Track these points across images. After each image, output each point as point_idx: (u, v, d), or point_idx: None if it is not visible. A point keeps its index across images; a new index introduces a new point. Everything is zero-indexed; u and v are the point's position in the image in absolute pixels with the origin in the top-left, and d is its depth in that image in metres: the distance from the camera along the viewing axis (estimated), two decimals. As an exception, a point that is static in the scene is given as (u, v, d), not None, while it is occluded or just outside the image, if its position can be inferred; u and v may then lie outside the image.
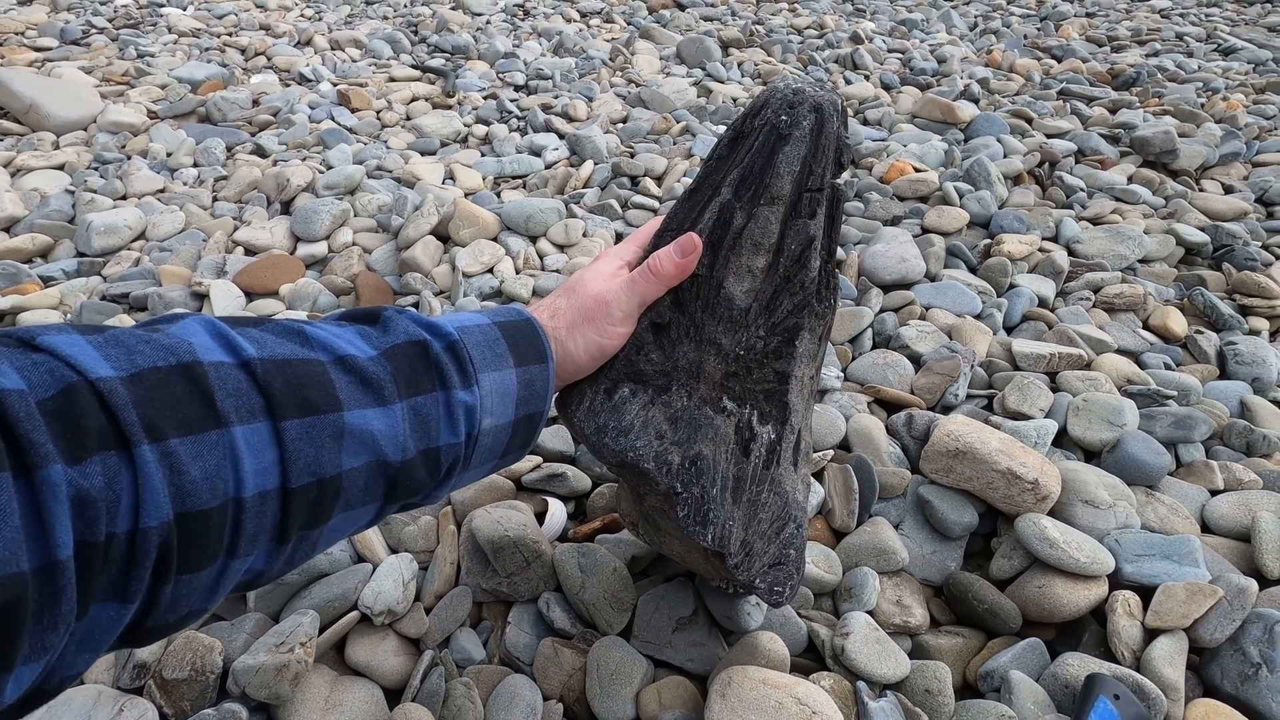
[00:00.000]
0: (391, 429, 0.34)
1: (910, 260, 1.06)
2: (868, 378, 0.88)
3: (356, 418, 0.33)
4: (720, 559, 0.47)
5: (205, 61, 1.99)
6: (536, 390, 0.42)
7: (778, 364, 0.48)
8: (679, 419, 0.46)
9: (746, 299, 0.47)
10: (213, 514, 0.28)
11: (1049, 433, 0.76)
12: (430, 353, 0.37)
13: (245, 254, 1.19)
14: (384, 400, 0.34)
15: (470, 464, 0.40)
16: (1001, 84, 1.89)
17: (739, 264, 0.46)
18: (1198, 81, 1.93)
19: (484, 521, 0.65)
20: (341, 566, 0.65)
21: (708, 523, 0.46)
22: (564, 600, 0.63)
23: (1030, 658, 0.58)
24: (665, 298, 0.47)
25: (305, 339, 0.34)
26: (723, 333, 0.47)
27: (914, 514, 0.71)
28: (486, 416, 0.39)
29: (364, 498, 0.35)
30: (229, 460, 0.29)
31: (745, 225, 0.46)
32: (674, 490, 0.46)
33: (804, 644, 0.60)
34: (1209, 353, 0.93)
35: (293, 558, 0.33)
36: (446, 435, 0.37)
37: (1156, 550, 0.62)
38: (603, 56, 2.12)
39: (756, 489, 0.48)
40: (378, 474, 0.34)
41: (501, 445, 0.41)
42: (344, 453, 0.33)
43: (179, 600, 0.29)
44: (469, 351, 0.39)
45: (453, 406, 0.37)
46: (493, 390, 0.39)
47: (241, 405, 0.30)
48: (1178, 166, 1.43)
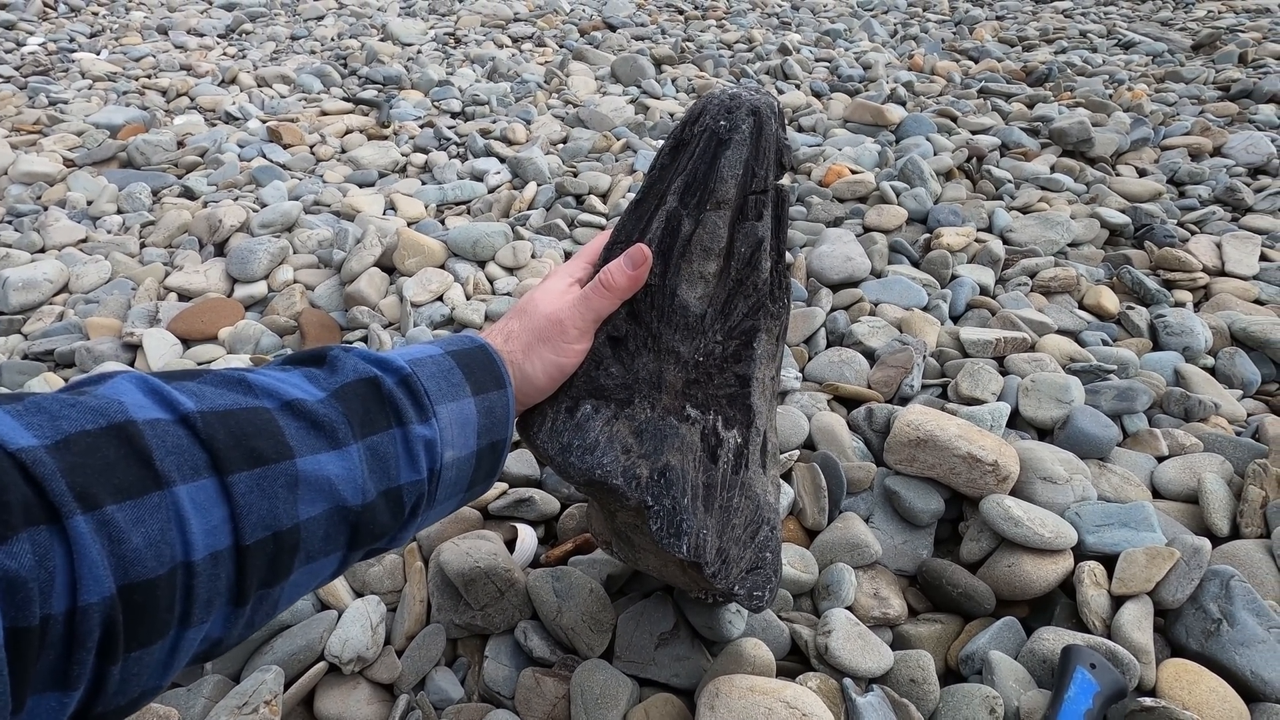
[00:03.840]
0: (349, 472, 0.33)
1: (855, 259, 1.09)
2: (825, 376, 0.89)
3: (310, 464, 0.31)
4: (697, 569, 0.46)
5: (124, 105, 1.92)
6: (497, 417, 0.41)
7: (738, 368, 0.47)
8: (644, 431, 0.46)
9: (701, 305, 0.46)
10: (160, 583, 0.26)
11: (1003, 415, 0.78)
12: (383, 389, 0.36)
13: (179, 300, 1.14)
14: (338, 443, 0.33)
15: (435, 500, 0.39)
16: (925, 86, 1.96)
17: (691, 271, 0.46)
18: (1104, 74, 2.04)
19: (452, 554, 0.63)
20: (304, 616, 0.62)
21: (681, 534, 0.45)
22: (541, 628, 0.61)
23: (1007, 637, 0.59)
24: (620, 310, 0.46)
25: (248, 387, 0.32)
26: (680, 341, 0.46)
27: (883, 506, 0.72)
28: (448, 449, 0.38)
29: (326, 547, 0.33)
30: (174, 523, 0.27)
31: (694, 232, 0.45)
32: (645, 504, 0.45)
33: (788, 646, 0.60)
34: (1142, 327, 0.97)
35: (253, 620, 0.32)
36: (408, 473, 0.36)
37: (1114, 519, 0.63)
38: (538, 80, 2.12)
39: (727, 495, 0.48)
40: (338, 521, 0.33)
41: (466, 478, 0.40)
42: (300, 502, 0.31)
43: (129, 680, 0.27)
44: (423, 384, 0.37)
45: (411, 442, 0.36)
46: (452, 421, 0.38)
47: (184, 463, 0.28)
48: (1094, 154, 1.51)
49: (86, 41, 2.47)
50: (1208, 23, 2.57)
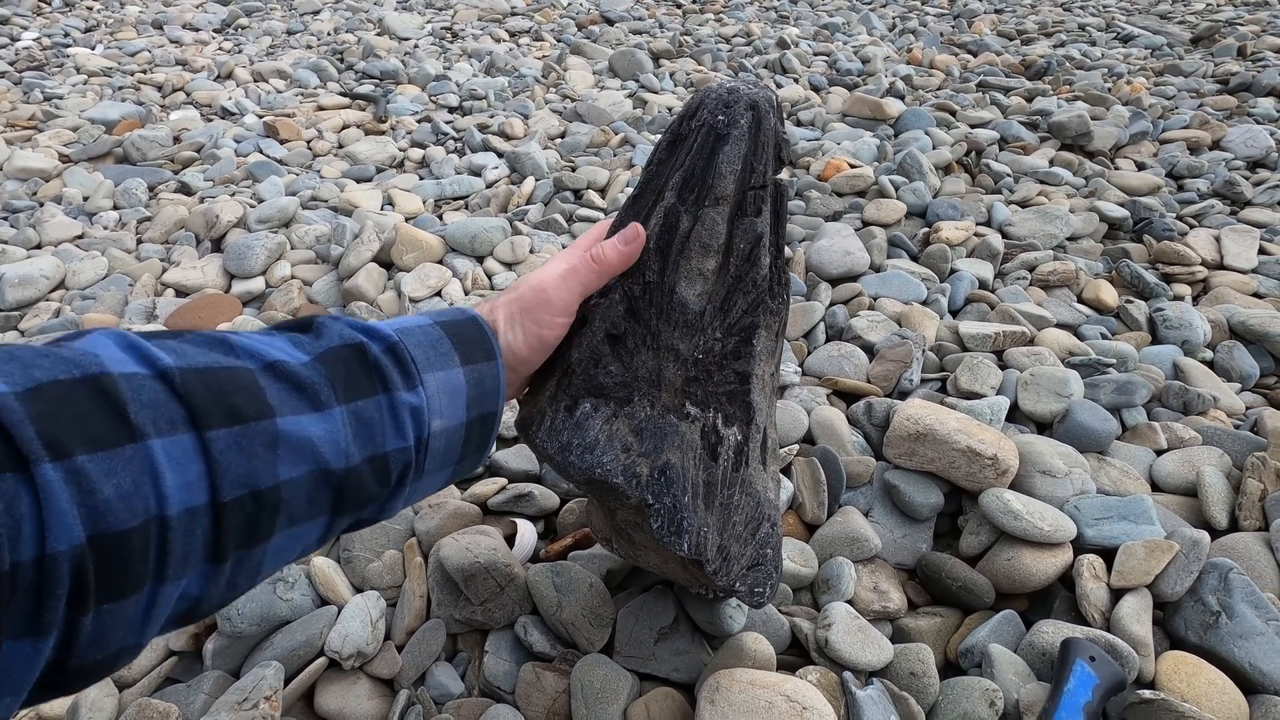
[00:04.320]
0: (331, 435, 0.32)
1: (854, 253, 1.08)
2: (825, 370, 0.89)
3: (291, 424, 0.31)
4: (698, 566, 0.46)
5: (119, 100, 1.90)
6: (487, 389, 0.40)
7: (737, 364, 0.47)
8: (644, 429, 0.45)
9: (700, 302, 0.46)
10: (133, 535, 0.26)
11: (1002, 409, 0.78)
12: (368, 355, 0.35)
13: (176, 295, 1.13)
14: (320, 405, 0.32)
15: (424, 471, 0.38)
16: (924, 80, 1.96)
17: (689, 267, 0.45)
18: (1103, 68, 2.04)
19: (452, 549, 0.63)
20: (304, 611, 0.62)
21: (682, 532, 0.45)
22: (541, 622, 0.61)
23: (1006, 630, 0.59)
24: (619, 308, 0.46)
25: (230, 347, 0.32)
26: (680, 338, 0.46)
27: (882, 500, 0.72)
28: (435, 418, 0.37)
29: (309, 511, 0.32)
30: (147, 475, 0.26)
31: (692, 228, 0.45)
32: (645, 502, 0.45)
33: (788, 640, 0.60)
34: (1140, 320, 0.97)
35: (234, 581, 0.31)
36: (394, 440, 0.35)
37: (1114, 512, 0.64)
38: (535, 74, 2.11)
39: (728, 492, 0.47)
40: (321, 484, 0.32)
41: (456, 449, 0.39)
42: (280, 462, 0.30)
43: (104, 634, 0.26)
44: (410, 352, 0.37)
45: (397, 409, 0.35)
46: (440, 390, 0.37)
47: (159, 417, 0.27)
48: (1093, 148, 1.51)
49: (81, 36, 2.46)
50: (1206, 16, 2.56)
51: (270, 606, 0.60)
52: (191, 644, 0.59)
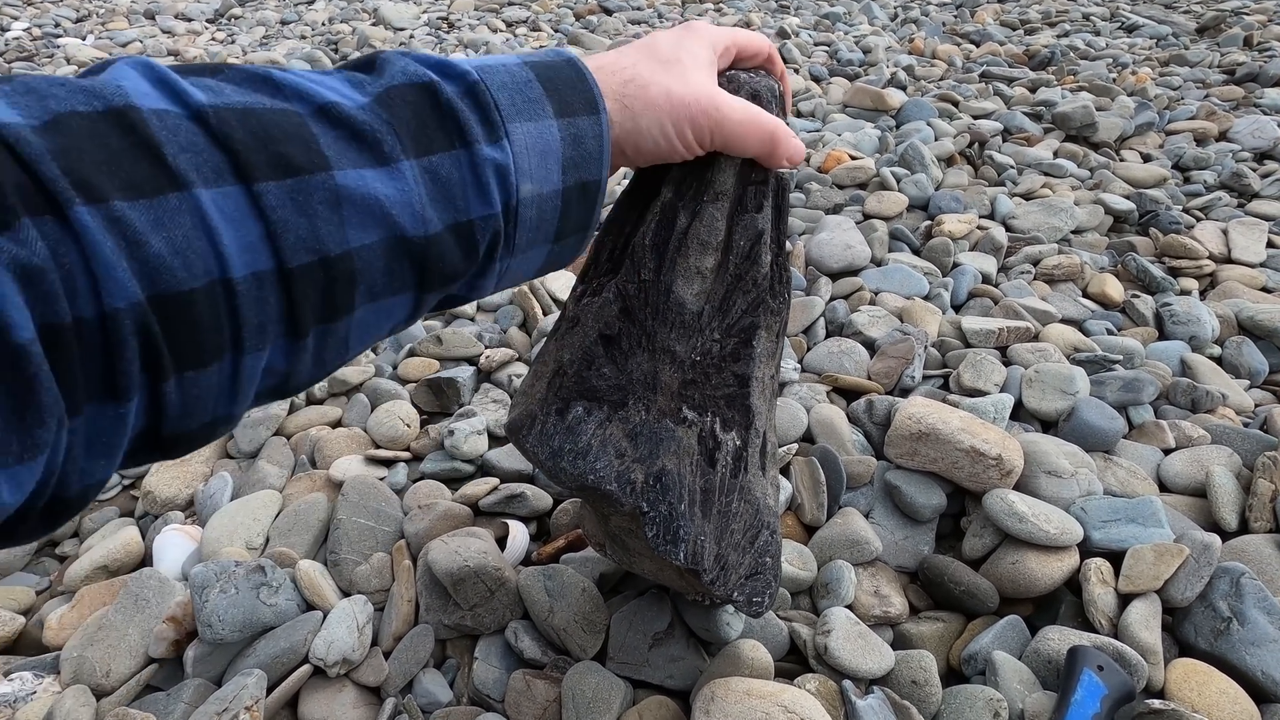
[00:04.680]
0: (402, 195, 0.27)
1: (855, 247, 1.06)
2: (824, 367, 0.88)
3: (353, 179, 0.26)
4: (695, 576, 0.45)
5: (110, 92, 1.88)
6: (588, 150, 0.33)
7: (736, 367, 0.45)
8: (638, 434, 0.43)
9: (698, 302, 0.44)
10: (197, 296, 0.23)
11: (1006, 407, 0.76)
12: (441, 98, 0.29)
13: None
14: (385, 159, 0.27)
15: (515, 246, 0.33)
16: (926, 70, 1.93)
17: (687, 266, 0.43)
18: (1108, 58, 2.01)
19: (441, 553, 0.61)
20: (289, 616, 0.60)
21: (679, 540, 0.43)
22: (532, 628, 0.60)
23: (1011, 636, 0.57)
24: (614, 307, 0.43)
25: (275, 87, 0.27)
26: (676, 339, 0.44)
27: (883, 501, 0.70)
28: (525, 181, 0.31)
29: (390, 285, 0.29)
30: (201, 231, 0.23)
31: (690, 225, 0.42)
32: (640, 510, 0.43)
33: (786, 646, 0.58)
34: (1147, 315, 0.96)
35: (322, 357, 0.28)
36: (478, 205, 0.30)
37: (1121, 514, 0.62)
38: (532, 64, 2.08)
39: (726, 499, 0.46)
40: (399, 253, 0.28)
41: (552, 223, 0.33)
42: (348, 225, 0.26)
43: (193, 403, 0.25)
44: (494, 95, 0.30)
45: (479, 167, 0.29)
46: (529, 147, 0.31)
47: (202, 164, 0.23)
48: (1098, 139, 1.49)
49: (72, 27, 2.43)
50: (1212, 5, 2.53)
51: (253, 612, 0.58)
52: (172, 651, 0.58)
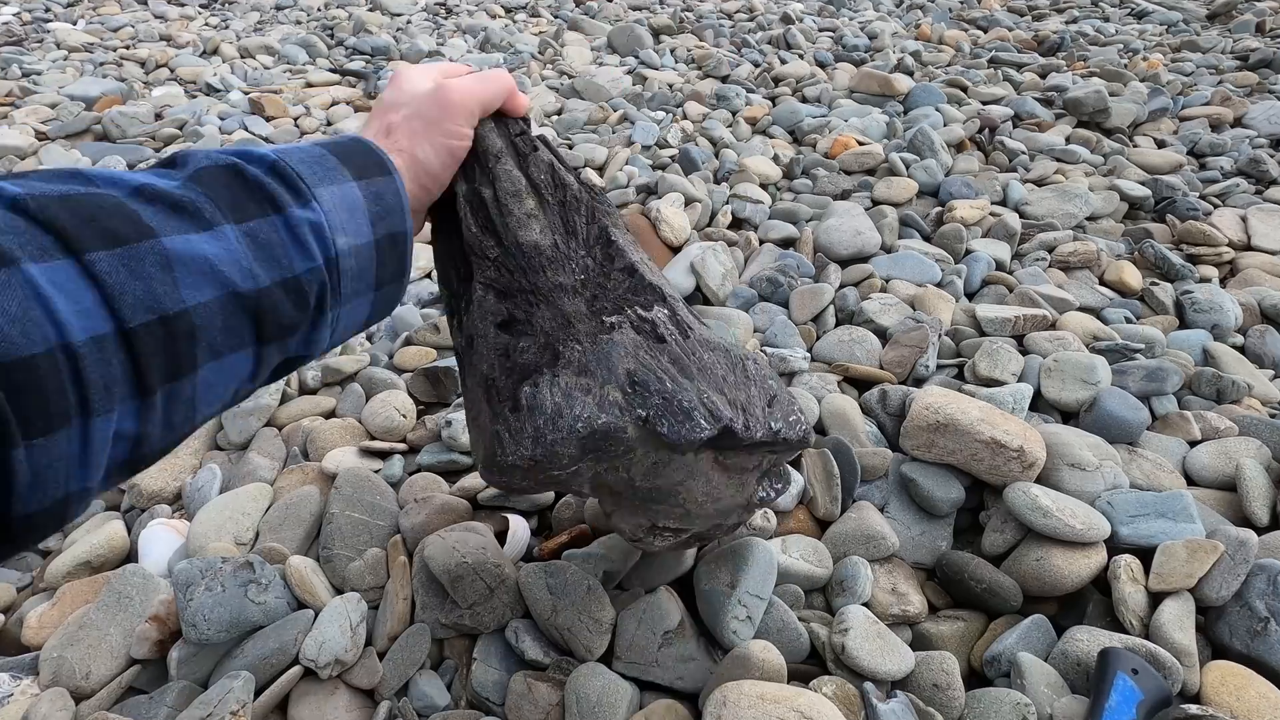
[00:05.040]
0: (229, 253, 0.29)
1: (865, 233, 1.03)
2: (835, 356, 0.85)
3: (180, 243, 0.28)
4: (730, 435, 0.43)
5: (100, 77, 1.84)
6: (389, 205, 0.37)
7: (617, 264, 0.47)
8: (587, 365, 0.43)
9: (546, 236, 0.46)
10: (39, 362, 0.24)
11: (1025, 397, 0.73)
12: (247, 174, 0.32)
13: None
14: (207, 224, 0.29)
15: (342, 294, 0.35)
16: (933, 56, 1.89)
17: (516, 218, 0.45)
18: (1118, 43, 1.97)
19: (438, 548, 0.59)
20: (278, 615, 0.57)
21: (689, 411, 0.42)
22: (534, 627, 0.57)
23: (1036, 636, 0.55)
24: (489, 298, 0.45)
25: (86, 179, 0.28)
26: (556, 274, 0.45)
27: (898, 494, 0.67)
28: (340, 235, 0.34)
29: (230, 340, 0.30)
30: (35, 302, 0.24)
31: (494, 190, 0.45)
32: (641, 418, 0.42)
33: (806, 649, 0.55)
34: (1166, 303, 0.93)
35: (171, 420, 0.29)
36: (300, 260, 0.32)
37: (1150, 509, 0.59)
38: (531, 50, 2.05)
39: (695, 357, 0.45)
40: (234, 309, 0.29)
41: (370, 271, 0.36)
42: (181, 285, 0.27)
43: (43, 475, 0.24)
44: (295, 168, 0.33)
45: (295, 227, 0.32)
46: (337, 205, 0.34)
47: (27, 242, 0.24)
48: (1111, 125, 1.45)
49: (63, 11, 2.38)
50: (1223, -9, 2.48)
51: (241, 611, 0.55)
52: (155, 651, 0.55)
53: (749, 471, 0.49)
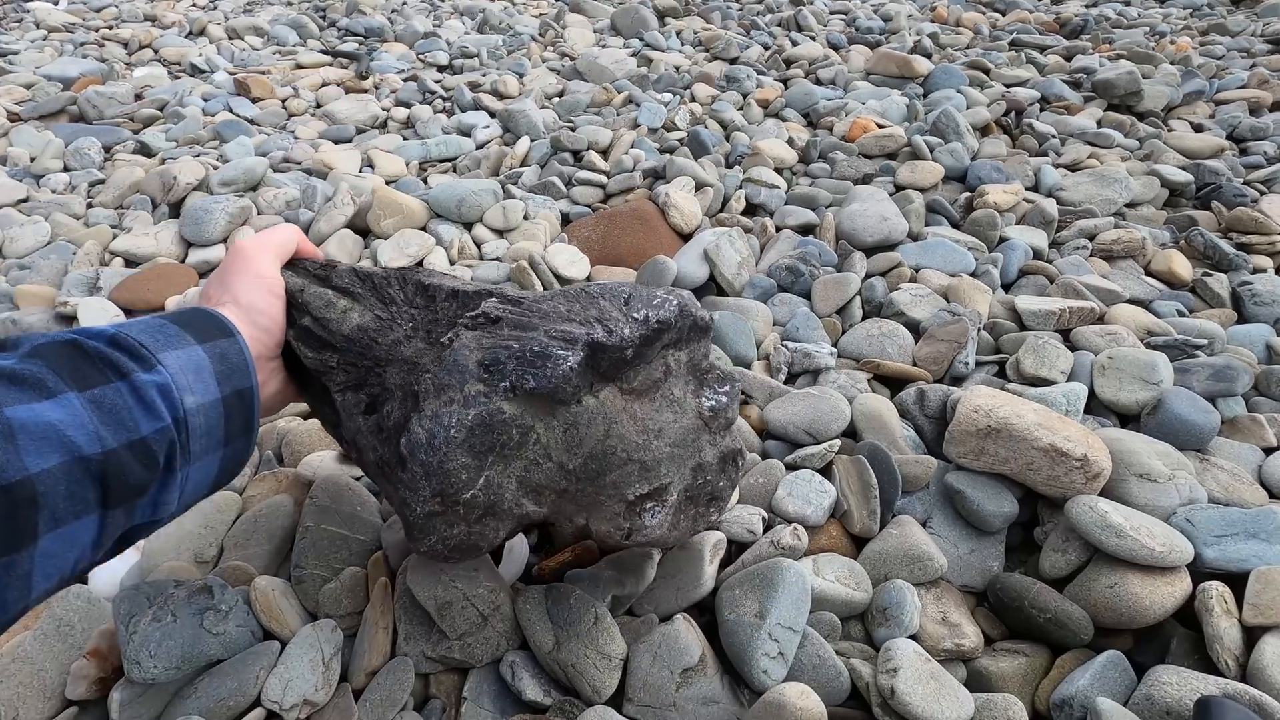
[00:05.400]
0: (74, 418, 0.30)
1: (891, 219, 0.96)
2: (863, 351, 0.77)
3: (23, 412, 0.28)
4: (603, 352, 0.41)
5: (81, 57, 1.76)
6: (234, 363, 0.39)
7: (441, 296, 0.47)
8: (443, 382, 0.41)
9: (368, 315, 0.47)
10: None
11: (1080, 398, 0.66)
12: (87, 348, 0.33)
13: (126, 265, 1.01)
14: (50, 392, 0.30)
15: (191, 452, 0.36)
16: (951, 38, 1.81)
17: (335, 319, 0.46)
18: (1143, 26, 1.89)
19: (423, 571, 0.51)
20: (239, 647, 0.50)
21: (543, 353, 0.40)
22: (533, 661, 0.50)
23: (1113, 677, 0.47)
24: (359, 396, 0.45)
25: None
26: (389, 336, 0.46)
27: (942, 507, 0.60)
28: (187, 394, 0.35)
29: (73, 507, 0.30)
30: None
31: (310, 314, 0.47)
32: (508, 387, 0.40)
33: (846, 690, 0.48)
34: (1222, 295, 0.85)
35: (4, 600, 0.28)
36: (148, 422, 0.33)
37: (1238, 528, 0.52)
38: (532, 32, 1.96)
39: (532, 314, 0.44)
40: (79, 475, 0.30)
41: (219, 428, 0.38)
42: (24, 452, 0.28)
43: None
44: (136, 338, 0.35)
45: (141, 390, 0.33)
46: (182, 368, 0.36)
47: None
48: (1143, 108, 1.38)
49: (45, -9, 2.29)
50: (1247, -25, 2.40)
51: (195, 644, 0.48)
52: (95, 691, 0.48)
53: (664, 383, 0.46)
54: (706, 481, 0.47)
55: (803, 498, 0.58)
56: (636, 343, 0.42)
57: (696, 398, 0.48)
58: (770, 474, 0.61)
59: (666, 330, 0.44)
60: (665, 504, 0.45)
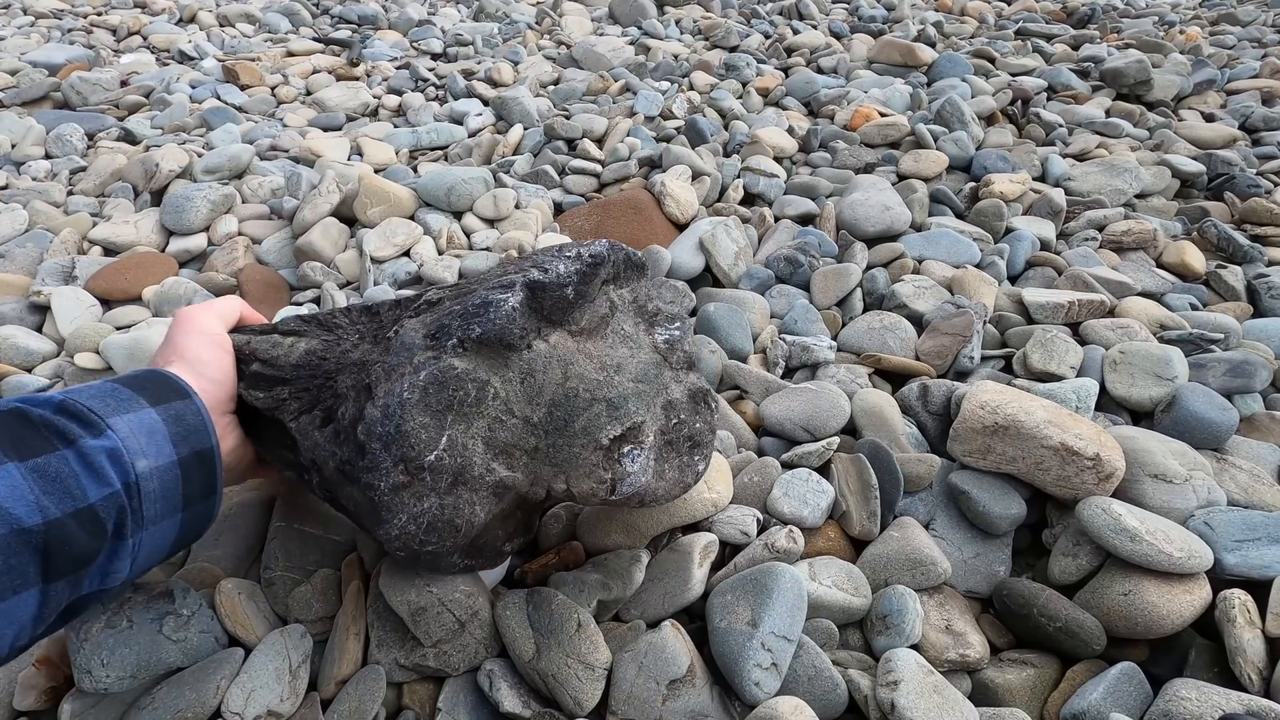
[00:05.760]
0: (13, 490, 0.29)
1: (894, 208, 0.92)
2: (864, 345, 0.74)
3: None
4: (542, 291, 0.42)
5: (68, 44, 1.72)
6: (191, 424, 0.38)
7: (384, 309, 0.47)
8: (391, 366, 0.40)
9: (315, 342, 0.46)
10: None
11: (1091, 394, 0.63)
12: (31, 416, 0.32)
13: (104, 254, 0.98)
14: None
15: (145, 517, 0.35)
16: (955, 27, 1.78)
17: (284, 355, 0.46)
18: (1152, 16, 1.86)
19: (396, 575, 0.48)
20: (201, 655, 0.47)
21: (485, 302, 0.41)
22: (512, 670, 0.47)
23: (1127, 690, 0.44)
24: (314, 414, 0.43)
25: None
26: (338, 350, 0.45)
27: (946, 509, 0.57)
28: (139, 458, 0.35)
29: (12, 582, 0.29)
30: None
31: (258, 359, 0.47)
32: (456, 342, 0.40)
33: (844, 703, 0.45)
34: (1237, 288, 0.82)
35: None
36: (95, 489, 0.32)
37: (1260, 532, 0.49)
38: (528, 20, 1.93)
39: (469, 286, 0.45)
40: (18, 547, 0.29)
41: (177, 492, 0.37)
42: None
43: None
44: (85, 404, 0.34)
45: (89, 456, 0.32)
46: (134, 431, 0.35)
47: None
48: (1152, 98, 1.34)
49: (34, -22, 2.25)
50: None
51: (153, 650, 0.45)
52: (45, 701, 0.45)
53: (612, 318, 0.47)
54: (681, 421, 0.47)
55: (799, 498, 0.55)
56: (575, 279, 0.43)
57: (650, 335, 0.49)
58: (765, 472, 0.58)
59: (601, 265, 0.45)
60: (643, 445, 0.44)
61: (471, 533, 0.43)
